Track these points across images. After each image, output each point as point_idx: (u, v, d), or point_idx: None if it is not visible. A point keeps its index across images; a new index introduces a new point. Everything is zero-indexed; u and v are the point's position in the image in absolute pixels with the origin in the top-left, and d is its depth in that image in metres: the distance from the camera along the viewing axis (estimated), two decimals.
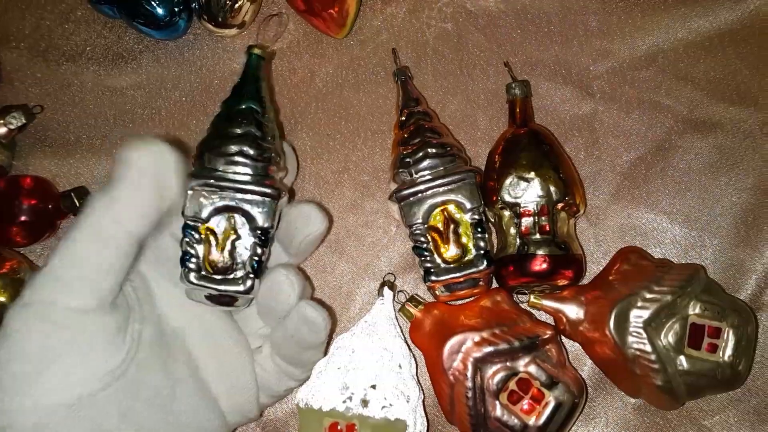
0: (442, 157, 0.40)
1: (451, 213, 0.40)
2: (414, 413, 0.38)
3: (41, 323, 0.31)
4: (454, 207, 0.40)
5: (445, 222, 0.40)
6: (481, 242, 0.39)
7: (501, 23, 0.47)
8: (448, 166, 0.40)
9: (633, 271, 0.39)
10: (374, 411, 0.38)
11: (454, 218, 0.39)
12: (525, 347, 0.37)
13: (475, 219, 0.39)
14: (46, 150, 0.49)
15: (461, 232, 0.39)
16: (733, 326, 0.37)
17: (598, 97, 0.45)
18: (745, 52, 0.45)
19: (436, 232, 0.40)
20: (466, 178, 0.39)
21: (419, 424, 0.38)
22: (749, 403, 0.42)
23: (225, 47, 0.48)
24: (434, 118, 0.43)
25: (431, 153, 0.40)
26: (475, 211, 0.39)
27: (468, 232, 0.39)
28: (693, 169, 0.44)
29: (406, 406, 0.38)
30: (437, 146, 0.40)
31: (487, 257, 0.39)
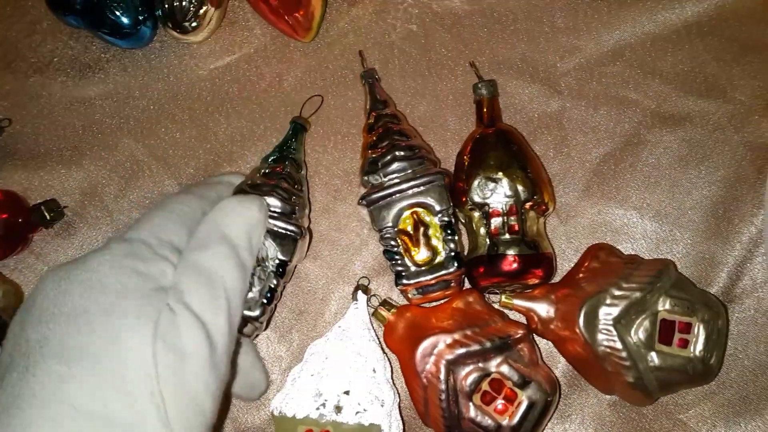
0: (411, 160, 0.40)
1: (421, 216, 0.40)
2: (389, 417, 0.38)
3: None
4: (423, 210, 0.39)
5: (414, 225, 0.40)
6: (451, 244, 0.39)
7: (467, 23, 0.46)
8: (417, 169, 0.40)
9: (602, 269, 0.39)
10: (348, 417, 0.38)
11: (423, 221, 0.39)
12: (497, 348, 0.37)
13: (444, 221, 0.39)
14: (16, 163, 0.48)
15: (431, 235, 0.39)
16: (703, 321, 0.37)
17: (565, 94, 0.45)
18: (712, 44, 0.45)
19: (406, 236, 0.40)
20: (434, 180, 0.39)
21: (394, 428, 0.38)
22: (724, 395, 0.42)
23: (191, 54, 0.48)
24: (403, 121, 0.43)
25: (399, 156, 0.40)
26: (444, 213, 0.39)
27: (438, 235, 0.39)
28: (662, 164, 0.44)
29: (381, 410, 0.38)
30: (405, 149, 0.40)
31: (457, 259, 0.39)
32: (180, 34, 0.46)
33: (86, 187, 0.47)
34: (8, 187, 0.47)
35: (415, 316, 0.40)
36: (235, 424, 0.43)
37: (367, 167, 0.40)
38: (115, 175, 0.47)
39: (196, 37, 0.46)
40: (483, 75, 0.45)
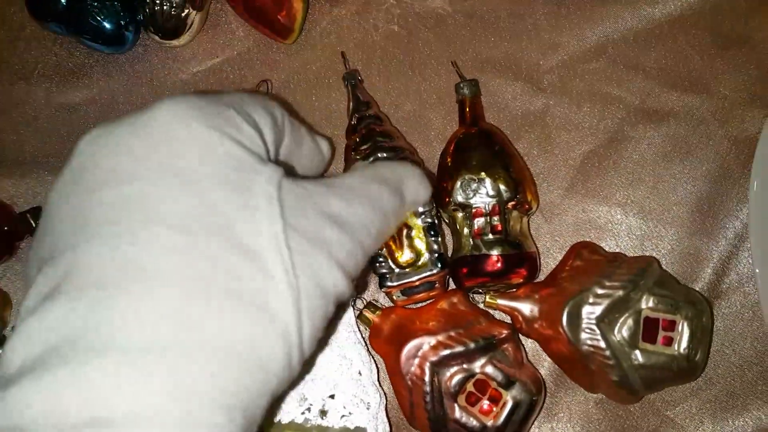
0: None
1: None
2: (375, 419, 0.38)
3: None
4: None
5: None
6: (435, 245, 0.39)
7: (450, 22, 0.46)
8: None
9: (585, 267, 0.39)
10: (333, 421, 0.38)
11: (406, 222, 0.39)
12: (481, 348, 0.37)
13: (427, 222, 0.39)
14: (2, 170, 0.48)
15: (414, 236, 0.39)
16: (687, 318, 0.37)
17: (549, 92, 0.45)
18: (695, 39, 0.45)
19: (390, 238, 0.39)
20: None
21: (380, 430, 0.38)
22: (710, 392, 0.42)
23: (174, 57, 0.48)
24: (385, 122, 0.43)
25: (382, 157, 0.40)
26: (427, 215, 0.39)
27: (421, 236, 0.39)
28: (646, 160, 0.44)
29: (366, 413, 0.38)
30: (388, 150, 0.40)
31: (440, 260, 0.39)
32: (162, 38, 0.46)
33: None
34: None
35: (399, 318, 0.40)
36: None
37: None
38: None
39: (178, 41, 0.46)
40: (466, 74, 0.45)
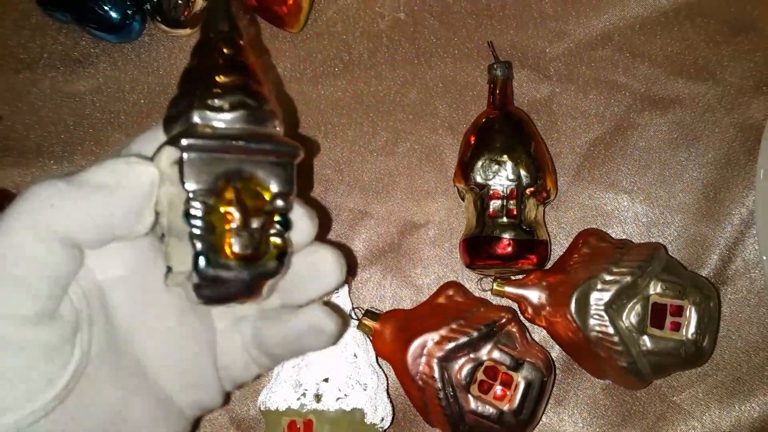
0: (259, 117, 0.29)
1: (243, 194, 0.28)
2: (373, 400, 0.39)
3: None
4: (252, 185, 0.28)
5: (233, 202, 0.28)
6: (278, 239, 0.28)
7: (456, 10, 0.46)
8: (266, 131, 0.29)
9: (592, 254, 0.39)
10: (328, 404, 0.38)
11: (242, 201, 0.28)
12: (484, 335, 0.38)
13: (281, 207, 0.29)
14: (7, 159, 0.49)
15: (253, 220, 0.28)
16: (695, 303, 0.38)
17: (555, 80, 0.45)
18: (701, 26, 0.45)
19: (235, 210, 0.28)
20: (289, 152, 0.29)
21: (381, 410, 0.39)
22: (717, 377, 0.42)
23: (181, 47, 0.48)
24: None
25: (250, 104, 0.28)
26: (283, 198, 0.29)
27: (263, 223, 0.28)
28: (653, 147, 0.44)
29: (363, 394, 0.39)
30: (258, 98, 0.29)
31: (281, 258, 0.28)
32: (168, 27, 0.46)
33: None
34: (1, 185, 0.48)
35: (399, 321, 0.41)
36: (230, 414, 0.43)
37: (192, 97, 0.27)
38: None
39: (185, 30, 0.46)
40: (470, 62, 0.45)
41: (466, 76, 0.46)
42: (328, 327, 0.30)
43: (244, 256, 0.27)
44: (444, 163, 0.45)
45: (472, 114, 0.45)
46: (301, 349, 0.31)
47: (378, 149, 0.46)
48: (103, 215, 0.26)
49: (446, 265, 0.44)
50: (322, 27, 0.47)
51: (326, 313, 0.30)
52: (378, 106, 0.46)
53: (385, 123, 0.46)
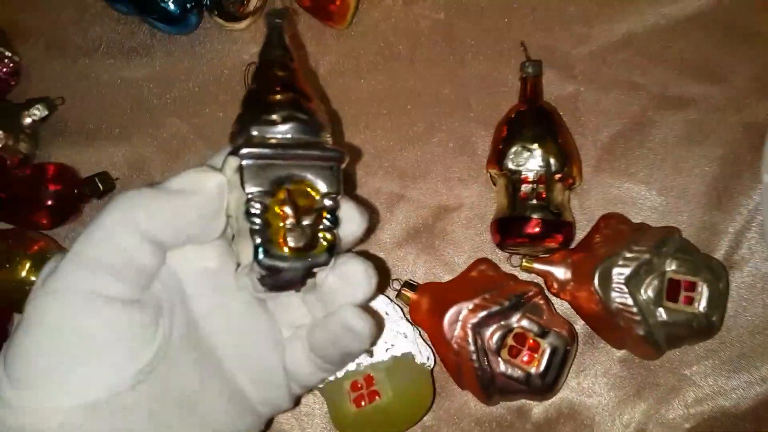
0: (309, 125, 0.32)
1: (295, 195, 0.31)
2: (416, 344, 0.42)
3: (72, 312, 0.28)
4: (304, 187, 0.31)
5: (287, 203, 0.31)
6: (329, 234, 0.31)
7: (488, 13, 0.50)
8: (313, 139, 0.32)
9: (614, 235, 0.43)
10: (381, 355, 0.41)
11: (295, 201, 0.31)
12: (514, 305, 0.41)
13: (330, 205, 0.32)
14: (66, 139, 0.52)
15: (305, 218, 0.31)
16: (707, 281, 0.41)
17: (579, 79, 0.49)
18: (712, 34, 0.49)
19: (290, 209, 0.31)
20: (333, 157, 0.32)
21: (425, 352, 0.42)
22: (724, 353, 0.45)
23: (234, 40, 0.51)
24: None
25: (299, 117, 0.32)
26: (331, 197, 0.32)
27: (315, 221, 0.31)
28: (668, 142, 0.47)
29: (406, 341, 0.42)
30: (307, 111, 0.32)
31: (330, 251, 0.31)
32: (225, 21, 0.50)
33: (134, 162, 0.51)
34: (61, 162, 0.51)
35: (436, 292, 0.44)
36: None
37: (252, 114, 0.31)
38: (162, 151, 0.51)
39: (240, 24, 0.50)
40: (504, 60, 0.48)
41: (497, 74, 0.49)
42: (359, 326, 0.31)
43: (297, 248, 0.30)
44: (475, 153, 0.48)
45: (502, 109, 0.47)
46: (343, 351, 0.33)
47: (415, 139, 0.49)
48: (178, 216, 0.30)
49: (476, 245, 0.47)
50: (366, 26, 0.50)
51: (356, 313, 0.31)
52: (415, 100, 0.49)
53: (422, 115, 0.49)
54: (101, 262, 0.28)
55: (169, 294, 0.31)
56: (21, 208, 0.49)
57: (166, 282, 0.31)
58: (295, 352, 0.34)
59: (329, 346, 0.32)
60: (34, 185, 0.49)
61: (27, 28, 0.53)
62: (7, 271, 0.47)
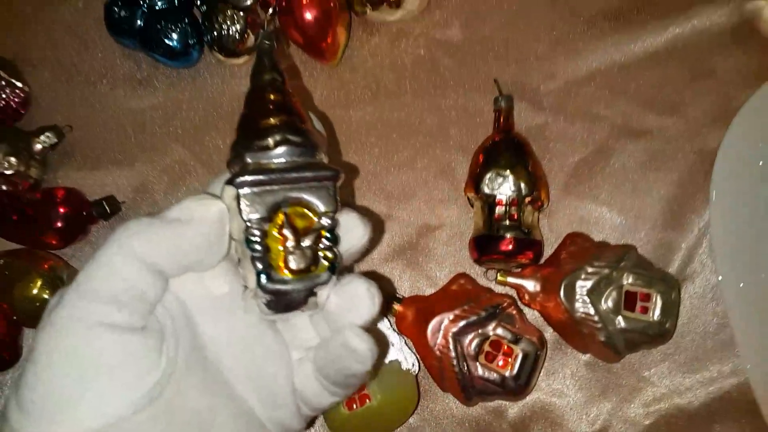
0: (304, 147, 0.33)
1: (292, 217, 0.32)
2: (402, 352, 0.46)
3: (76, 342, 0.28)
4: (301, 209, 0.32)
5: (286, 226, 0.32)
6: (329, 252, 0.32)
7: (466, 50, 0.53)
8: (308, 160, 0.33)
9: (578, 251, 0.47)
10: None
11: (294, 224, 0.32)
12: (490, 315, 0.45)
13: (328, 224, 0.32)
14: (73, 164, 0.55)
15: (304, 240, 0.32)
16: (660, 292, 0.45)
17: (547, 111, 0.52)
18: (669, 70, 0.52)
19: (289, 233, 0.32)
20: (329, 177, 0.32)
21: (410, 359, 0.46)
22: (679, 356, 0.49)
23: (233, 73, 0.55)
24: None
25: (293, 140, 0.32)
26: (329, 216, 0.32)
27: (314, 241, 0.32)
28: (628, 168, 0.51)
29: (393, 349, 0.46)
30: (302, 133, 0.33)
31: (332, 269, 0.32)
32: (225, 57, 0.54)
33: (138, 186, 0.54)
34: (68, 186, 0.55)
35: (419, 304, 0.48)
36: None
37: (245, 140, 0.32)
38: (165, 176, 0.54)
39: (238, 60, 0.54)
40: (483, 92, 0.53)
41: (474, 106, 0.52)
42: (359, 347, 0.31)
43: (299, 270, 0.31)
44: (455, 177, 0.52)
45: (478, 137, 0.51)
46: (345, 372, 0.32)
47: (400, 164, 0.52)
48: (176, 245, 0.30)
49: (456, 260, 0.51)
50: (355, 61, 0.54)
51: (357, 333, 0.31)
52: (400, 129, 0.53)
53: (407, 142, 0.53)
54: (102, 292, 0.29)
55: (174, 318, 0.31)
56: (32, 230, 0.52)
57: (170, 307, 0.31)
58: (303, 373, 0.34)
59: (331, 367, 0.32)
60: (45, 208, 0.52)
61: (36, 59, 0.56)
62: (19, 289, 0.50)
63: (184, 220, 0.30)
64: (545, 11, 0.54)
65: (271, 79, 0.33)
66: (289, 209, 0.31)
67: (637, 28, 0.53)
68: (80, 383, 0.28)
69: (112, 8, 0.54)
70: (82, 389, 0.28)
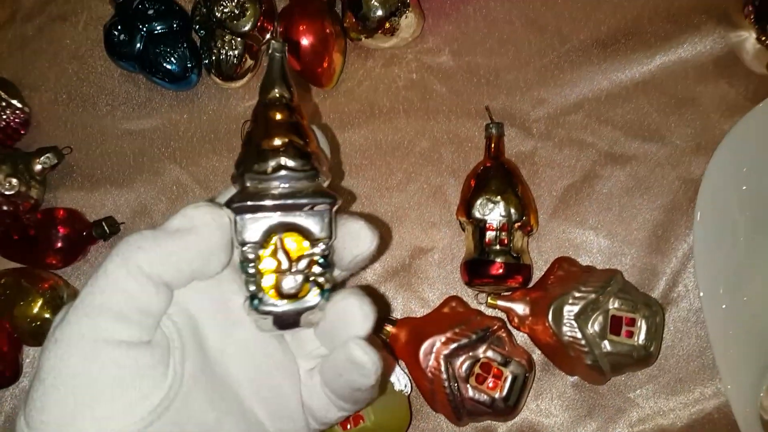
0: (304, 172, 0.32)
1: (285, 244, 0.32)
2: (395, 373, 0.47)
3: (80, 359, 0.28)
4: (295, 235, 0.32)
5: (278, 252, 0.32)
6: (321, 278, 0.32)
7: (458, 77, 0.55)
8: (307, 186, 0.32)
9: (565, 276, 0.49)
10: None
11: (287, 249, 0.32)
12: (481, 338, 0.47)
13: (322, 252, 0.32)
14: (72, 184, 0.56)
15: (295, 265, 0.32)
16: (644, 317, 0.46)
17: (537, 137, 0.53)
18: (654, 99, 0.54)
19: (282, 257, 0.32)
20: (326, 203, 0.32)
21: (402, 380, 0.47)
22: (663, 378, 0.51)
23: (229, 96, 0.56)
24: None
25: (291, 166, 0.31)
26: (324, 243, 0.32)
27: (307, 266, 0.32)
28: (614, 193, 0.52)
29: None
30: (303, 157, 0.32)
31: (323, 294, 0.32)
32: (223, 81, 0.55)
33: (137, 206, 0.55)
34: (66, 205, 0.56)
35: (412, 326, 0.49)
36: None
37: (247, 161, 0.32)
38: (163, 197, 0.55)
39: (235, 83, 0.55)
40: (473, 119, 0.54)
41: (466, 131, 0.54)
42: (363, 359, 0.31)
43: (289, 295, 0.31)
44: (447, 200, 0.53)
45: (470, 161, 0.53)
46: (351, 386, 0.32)
47: (393, 187, 0.54)
48: (178, 255, 0.29)
49: (448, 283, 0.52)
50: (349, 85, 0.56)
51: (361, 346, 0.31)
52: (394, 152, 0.54)
53: (399, 166, 0.54)
54: (105, 307, 0.28)
55: (180, 331, 0.30)
56: (33, 250, 0.53)
57: (176, 319, 0.31)
58: (311, 385, 0.34)
59: (337, 381, 0.32)
60: (45, 228, 0.53)
61: (36, 81, 0.58)
62: (20, 308, 0.51)
63: (185, 229, 0.30)
64: (535, 39, 0.56)
65: (278, 96, 0.33)
66: (284, 235, 0.31)
67: (624, 56, 0.55)
68: (87, 401, 0.28)
69: (111, 32, 0.55)
70: (89, 407, 0.28)
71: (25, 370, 0.54)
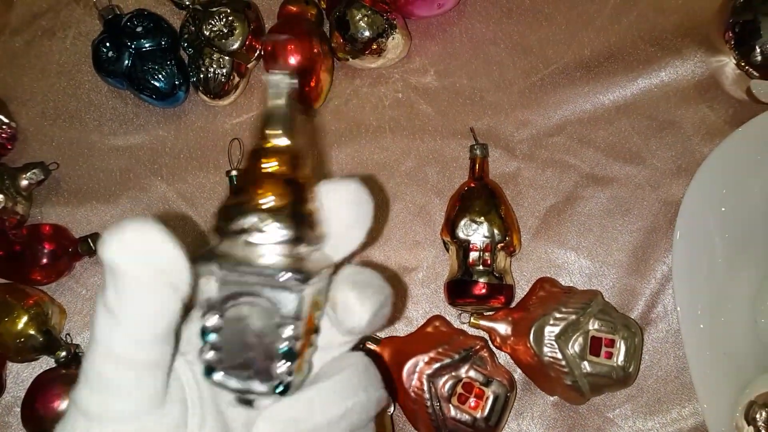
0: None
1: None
2: None
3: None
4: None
5: None
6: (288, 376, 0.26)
7: (443, 97, 0.56)
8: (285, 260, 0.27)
9: (546, 297, 0.49)
10: None
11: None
12: (463, 358, 0.47)
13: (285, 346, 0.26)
14: (58, 199, 0.57)
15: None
16: (623, 338, 0.47)
17: (520, 158, 0.54)
18: (635, 122, 0.55)
19: None
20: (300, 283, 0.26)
21: None
22: (642, 398, 0.51)
23: (216, 113, 0.57)
24: None
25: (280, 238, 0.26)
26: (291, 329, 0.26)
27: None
28: (595, 215, 0.53)
29: None
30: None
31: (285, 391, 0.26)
32: (211, 99, 0.56)
33: None
34: (52, 221, 0.56)
35: (395, 345, 0.50)
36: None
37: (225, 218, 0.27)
38: (149, 213, 0.56)
39: (223, 101, 0.56)
40: (458, 140, 0.55)
41: (451, 151, 0.55)
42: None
43: None
44: (432, 219, 0.54)
45: (454, 181, 0.54)
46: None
47: (378, 206, 0.54)
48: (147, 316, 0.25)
49: (432, 302, 0.53)
50: (337, 104, 0.56)
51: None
52: (379, 171, 0.55)
53: (385, 185, 0.55)
54: (110, 411, 0.25)
55: (199, 382, 0.27)
56: (18, 266, 0.54)
57: (191, 379, 0.27)
58: None
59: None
60: (31, 244, 0.53)
61: (23, 96, 0.59)
62: (5, 324, 0.51)
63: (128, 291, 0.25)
64: (519, 61, 0.57)
65: (271, 147, 0.27)
66: (247, 305, 0.26)
67: (607, 79, 0.56)
68: None
69: (100, 48, 0.55)
70: None
71: (9, 387, 0.54)
